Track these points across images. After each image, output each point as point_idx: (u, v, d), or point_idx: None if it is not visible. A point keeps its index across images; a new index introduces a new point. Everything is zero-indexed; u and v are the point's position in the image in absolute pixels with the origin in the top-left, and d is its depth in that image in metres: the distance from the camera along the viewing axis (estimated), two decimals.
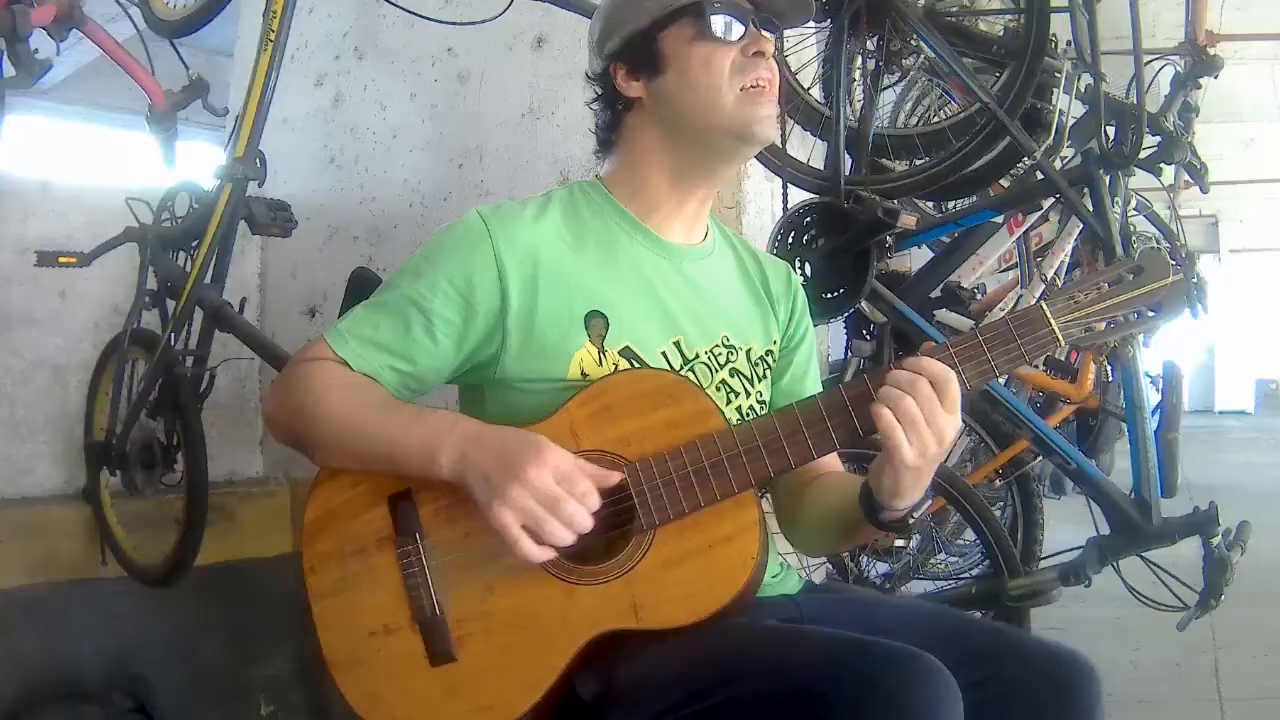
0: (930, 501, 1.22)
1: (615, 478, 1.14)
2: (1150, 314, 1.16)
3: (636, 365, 1.25)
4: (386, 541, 1.19)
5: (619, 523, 1.16)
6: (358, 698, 1.19)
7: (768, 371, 1.40)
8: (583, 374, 1.23)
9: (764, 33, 1.28)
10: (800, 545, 1.38)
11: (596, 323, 1.25)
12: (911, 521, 1.20)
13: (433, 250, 1.27)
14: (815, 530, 1.37)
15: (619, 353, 1.25)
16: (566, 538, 1.11)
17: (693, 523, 1.15)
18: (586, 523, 1.11)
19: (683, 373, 1.28)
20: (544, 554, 1.11)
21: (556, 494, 1.10)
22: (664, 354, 1.28)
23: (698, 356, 1.30)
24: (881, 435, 1.11)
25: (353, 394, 1.21)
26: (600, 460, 1.16)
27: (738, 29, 1.27)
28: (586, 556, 1.16)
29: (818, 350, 1.73)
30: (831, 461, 1.39)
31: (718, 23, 1.26)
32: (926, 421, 1.09)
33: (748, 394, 1.34)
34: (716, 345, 1.33)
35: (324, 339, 1.24)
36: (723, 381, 1.32)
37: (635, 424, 1.17)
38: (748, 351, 1.36)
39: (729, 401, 1.32)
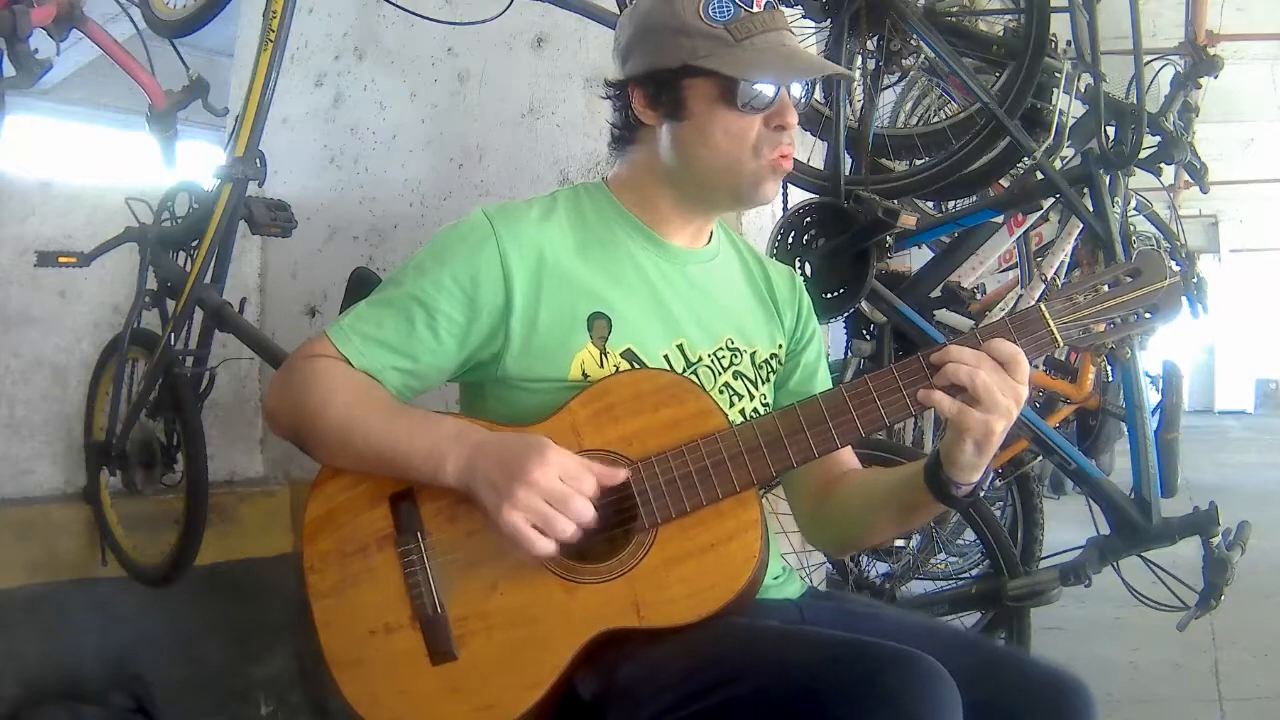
0: (992, 475, 1.27)
1: (621, 475, 1.15)
2: (1148, 316, 1.17)
3: (637, 367, 1.25)
4: (387, 540, 1.19)
5: (621, 521, 1.16)
6: (358, 697, 1.19)
7: (771, 375, 1.40)
8: (584, 375, 1.23)
9: (794, 88, 1.26)
10: (831, 540, 1.38)
11: (599, 324, 1.25)
12: (981, 494, 1.22)
13: (437, 248, 1.26)
14: (858, 521, 1.36)
15: (620, 354, 1.25)
16: (573, 530, 1.11)
17: (695, 521, 1.16)
18: (591, 515, 1.11)
19: (686, 375, 1.27)
20: (554, 546, 1.11)
21: (563, 491, 1.10)
22: (666, 356, 1.28)
23: (700, 360, 1.30)
24: (959, 407, 1.12)
25: (357, 397, 1.21)
26: (603, 460, 1.16)
27: (765, 97, 1.24)
28: (588, 555, 1.16)
29: None
30: (849, 459, 1.40)
31: (747, 94, 1.23)
32: (1000, 390, 1.11)
33: (751, 397, 1.34)
34: (720, 348, 1.33)
35: (326, 335, 1.24)
36: (726, 384, 1.32)
37: (637, 423, 1.18)
38: (752, 354, 1.36)
39: (732, 404, 1.32)
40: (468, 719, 1.16)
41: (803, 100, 1.30)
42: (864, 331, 2.46)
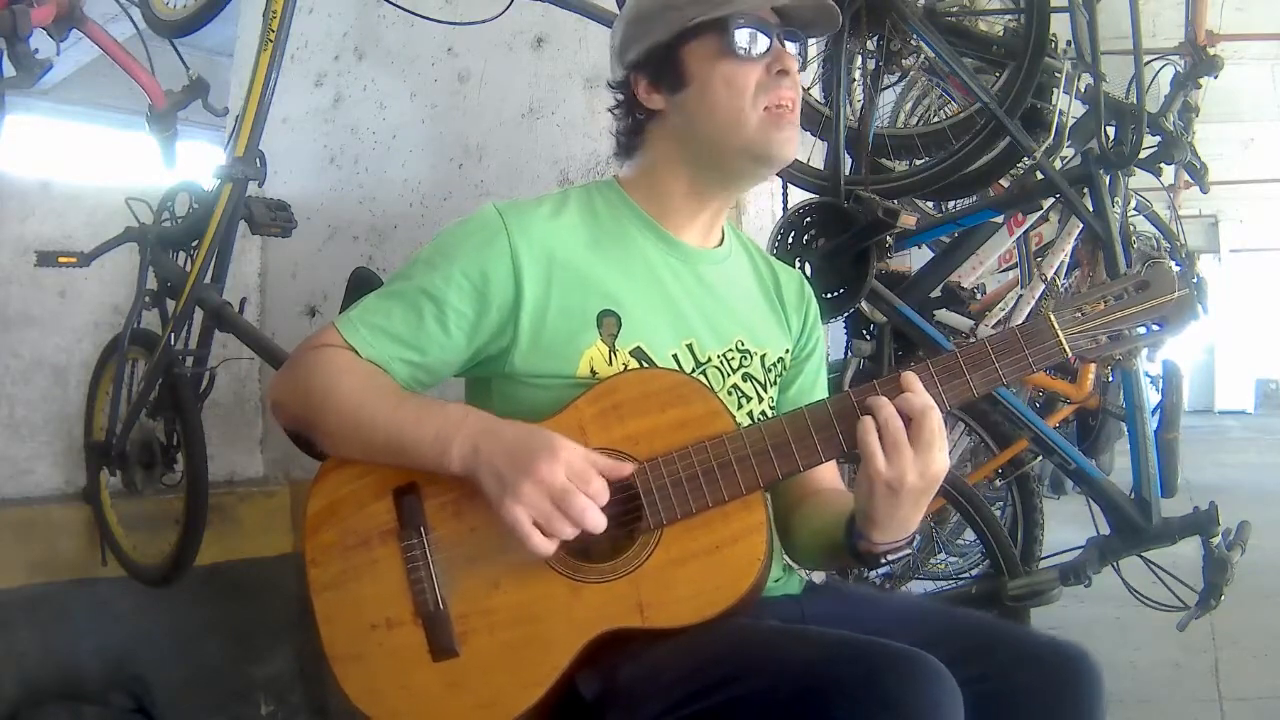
0: (910, 552, 1.27)
1: (627, 469, 1.14)
2: (1156, 328, 1.16)
3: (646, 365, 1.25)
4: (390, 535, 1.19)
5: (626, 522, 1.16)
6: (358, 692, 1.19)
7: (779, 379, 1.39)
8: (592, 372, 1.23)
9: (788, 44, 1.27)
10: (794, 558, 1.38)
11: (609, 322, 1.24)
12: (884, 562, 1.20)
13: (447, 243, 1.26)
14: (806, 547, 1.36)
15: (630, 353, 1.24)
16: (574, 532, 1.11)
17: (700, 523, 1.15)
18: (599, 520, 1.11)
19: (694, 375, 1.27)
20: (553, 546, 1.11)
21: (569, 490, 1.10)
22: (675, 356, 1.27)
23: (710, 360, 1.30)
24: (860, 448, 1.12)
25: (363, 383, 1.20)
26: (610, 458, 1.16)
27: (762, 43, 1.25)
28: (592, 555, 1.16)
29: None
30: (832, 477, 1.40)
31: (742, 37, 1.24)
32: (911, 444, 1.10)
33: (760, 399, 1.34)
34: (730, 349, 1.32)
35: (334, 326, 1.24)
36: (735, 386, 1.31)
37: (644, 423, 1.17)
38: (762, 356, 1.35)
39: (740, 406, 1.31)
40: (468, 716, 1.16)
41: (799, 52, 1.30)
42: (864, 331, 2.45)
